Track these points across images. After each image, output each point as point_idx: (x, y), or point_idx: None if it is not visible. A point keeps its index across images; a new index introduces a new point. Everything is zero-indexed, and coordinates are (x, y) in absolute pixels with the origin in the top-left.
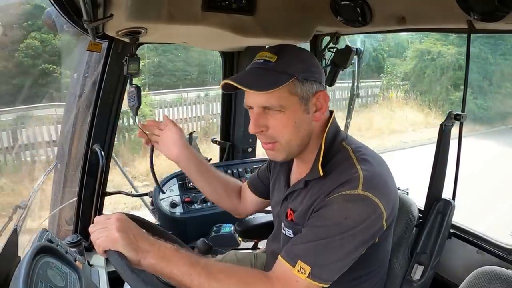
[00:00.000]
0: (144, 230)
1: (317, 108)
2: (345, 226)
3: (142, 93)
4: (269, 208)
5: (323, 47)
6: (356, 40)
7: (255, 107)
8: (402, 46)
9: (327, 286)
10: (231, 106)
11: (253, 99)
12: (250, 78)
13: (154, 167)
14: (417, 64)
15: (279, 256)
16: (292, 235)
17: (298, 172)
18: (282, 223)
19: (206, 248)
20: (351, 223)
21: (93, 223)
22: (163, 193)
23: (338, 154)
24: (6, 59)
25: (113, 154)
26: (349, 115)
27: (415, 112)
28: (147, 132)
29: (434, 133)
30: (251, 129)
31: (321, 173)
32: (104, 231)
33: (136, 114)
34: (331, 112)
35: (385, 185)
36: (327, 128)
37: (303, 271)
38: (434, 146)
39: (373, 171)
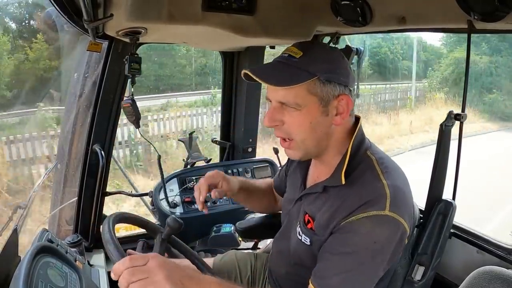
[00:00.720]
0: (184, 266)
1: (338, 112)
2: (374, 251)
3: None
4: None
5: None
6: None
7: (273, 101)
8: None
9: None
10: (231, 106)
11: (271, 92)
12: (270, 71)
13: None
14: (454, 70)
15: (312, 286)
16: (309, 243)
17: (316, 174)
18: (299, 228)
19: (177, 226)
20: (379, 247)
21: (123, 265)
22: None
23: (362, 164)
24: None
25: (113, 154)
26: None
27: (456, 110)
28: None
29: (475, 127)
30: (264, 122)
31: (343, 182)
32: (149, 284)
33: (138, 126)
34: (358, 119)
35: (407, 201)
36: (354, 135)
37: None
38: (481, 136)
39: (396, 187)
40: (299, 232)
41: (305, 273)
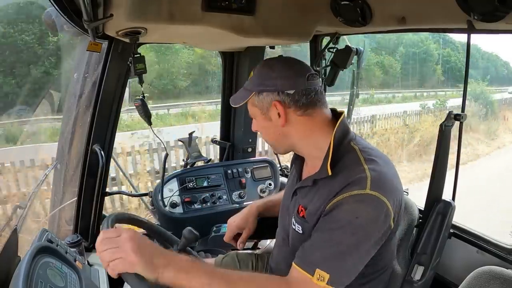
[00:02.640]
0: (157, 244)
1: (280, 115)
2: (357, 227)
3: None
4: None
5: (323, 47)
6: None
7: None
8: (475, 57)
9: None
10: (230, 106)
11: None
12: (235, 96)
13: None
14: None
15: (293, 264)
16: (301, 231)
17: (308, 170)
18: (293, 218)
19: (193, 237)
20: (362, 223)
21: (100, 239)
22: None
23: (346, 155)
24: None
25: (113, 154)
26: (349, 115)
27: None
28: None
29: None
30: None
31: (330, 173)
32: (118, 252)
33: (150, 123)
34: (341, 113)
35: (391, 184)
36: (335, 129)
37: (322, 278)
38: None
39: (379, 171)
40: (293, 223)
41: None
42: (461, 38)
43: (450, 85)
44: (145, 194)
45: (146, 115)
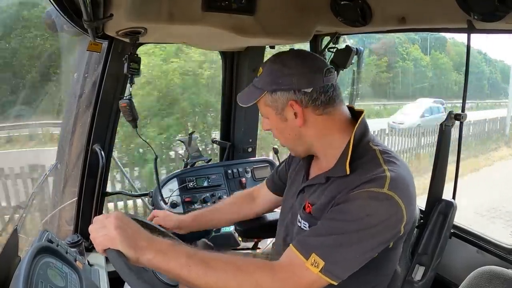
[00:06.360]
0: (142, 228)
1: (296, 115)
2: (366, 224)
3: None
4: None
5: (323, 47)
6: None
7: None
8: (506, 72)
9: (336, 284)
10: (231, 106)
11: None
12: (244, 94)
13: None
14: None
15: (290, 245)
16: (307, 228)
17: (317, 167)
18: (298, 215)
19: (207, 249)
20: (372, 221)
21: (92, 222)
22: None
23: (364, 154)
24: None
25: (113, 154)
26: None
27: None
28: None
29: None
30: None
31: (348, 172)
32: (102, 230)
33: (135, 126)
34: (361, 112)
35: (408, 189)
36: (355, 128)
37: (316, 264)
38: None
39: (399, 173)
40: (299, 220)
41: None
42: (498, 57)
43: (492, 97)
44: (146, 194)
45: (133, 118)
